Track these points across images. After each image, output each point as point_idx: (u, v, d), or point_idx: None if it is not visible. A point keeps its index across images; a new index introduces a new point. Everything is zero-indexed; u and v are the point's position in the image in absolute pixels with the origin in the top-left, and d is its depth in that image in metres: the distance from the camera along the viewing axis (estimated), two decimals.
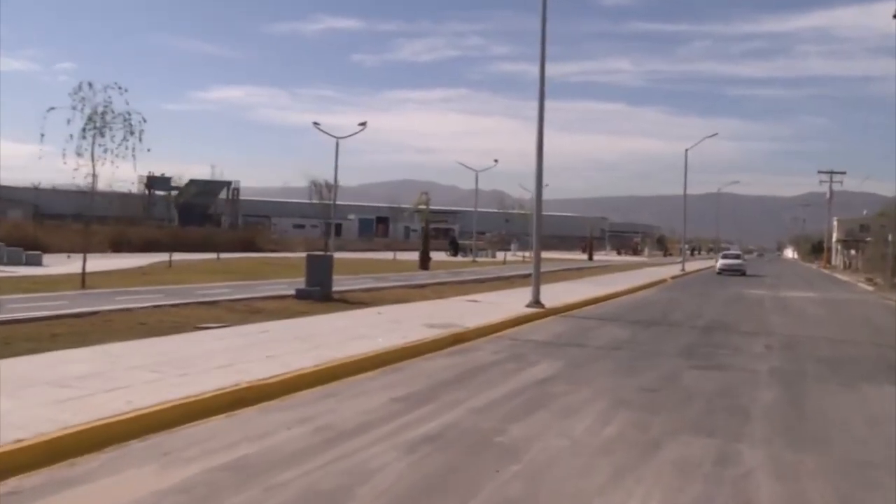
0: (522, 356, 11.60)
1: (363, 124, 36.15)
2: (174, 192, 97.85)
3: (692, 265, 60.40)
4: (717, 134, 48.18)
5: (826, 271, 63.86)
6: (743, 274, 45.52)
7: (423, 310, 16.55)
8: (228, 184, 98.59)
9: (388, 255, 53.82)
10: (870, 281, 41.93)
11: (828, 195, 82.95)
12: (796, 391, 9.62)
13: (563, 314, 18.19)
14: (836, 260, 79.92)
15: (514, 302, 18.90)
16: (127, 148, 16.79)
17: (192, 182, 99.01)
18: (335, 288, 19.75)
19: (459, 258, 52.87)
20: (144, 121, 17.08)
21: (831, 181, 68.16)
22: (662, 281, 35.75)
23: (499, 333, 14.06)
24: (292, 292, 17.59)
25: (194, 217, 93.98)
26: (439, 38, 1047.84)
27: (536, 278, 18.64)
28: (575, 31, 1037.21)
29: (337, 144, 35.78)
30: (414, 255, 46.71)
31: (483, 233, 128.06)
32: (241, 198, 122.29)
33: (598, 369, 10.65)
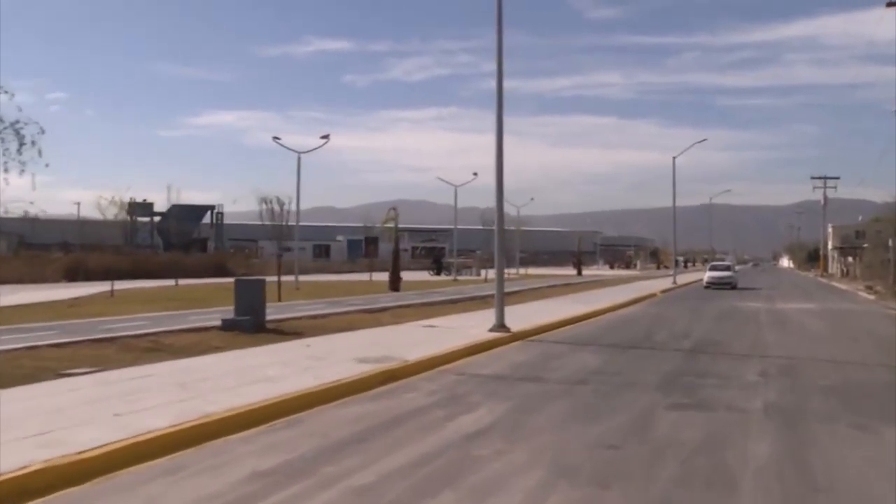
0: (461, 398, 9.43)
1: (325, 137, 34.04)
2: (157, 218, 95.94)
3: (685, 277, 58.29)
4: (706, 140, 46.37)
5: (823, 280, 61.81)
6: (733, 287, 40.86)
7: (365, 339, 14.38)
8: (212, 208, 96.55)
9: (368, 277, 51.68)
10: (870, 289, 39.84)
11: (822, 201, 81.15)
12: (799, 439, 7.45)
13: (530, 339, 16.02)
14: (833, 267, 77.91)
15: (477, 326, 16.74)
16: (21, 162, 14.57)
17: (175, 207, 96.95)
18: (277, 316, 17.59)
19: (443, 277, 50.78)
20: (42, 131, 14.90)
21: (825, 186, 66.37)
22: (651, 295, 33.62)
23: (445, 367, 11.88)
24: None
25: (177, 242, 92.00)
26: (429, 56, 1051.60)
27: (499, 299, 16.47)
28: (564, 45, 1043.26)
29: (299, 160, 33.77)
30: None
31: (474, 250, 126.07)
32: (229, 222, 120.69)
33: (550, 415, 8.47)
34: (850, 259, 66.16)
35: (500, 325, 16.13)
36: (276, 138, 34.50)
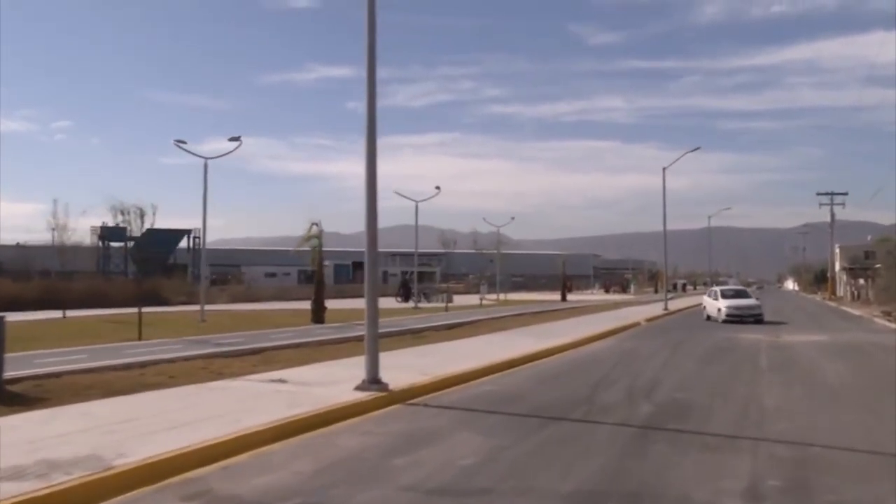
0: None
1: (236, 139, 28.93)
2: (131, 244, 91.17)
3: (680, 303, 52.84)
4: (699, 148, 41.16)
5: (832, 303, 56.17)
6: (760, 321, 29.86)
7: (117, 413, 9.05)
8: (188, 232, 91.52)
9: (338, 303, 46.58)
10: (887, 315, 34.35)
11: (828, 221, 75.78)
12: None
13: (414, 400, 10.75)
14: (842, 290, 72.25)
15: (347, 380, 11.44)
16: None
17: (150, 231, 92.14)
18: (65, 368, 12.35)
19: (411, 304, 45.62)
20: None
21: (832, 203, 61.01)
22: (633, 325, 28.25)
23: (189, 474, 6.62)
24: None
25: (153, 268, 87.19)
26: (431, 82, 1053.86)
27: (372, 343, 11.11)
28: (566, 70, 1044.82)
29: (206, 166, 28.69)
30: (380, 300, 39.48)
31: (466, 275, 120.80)
32: (213, 247, 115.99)
33: None
34: (861, 281, 60.58)
35: (373, 381, 10.85)
36: (179, 142, 29.40)
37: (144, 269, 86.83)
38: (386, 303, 45.88)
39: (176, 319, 27.54)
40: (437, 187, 38.87)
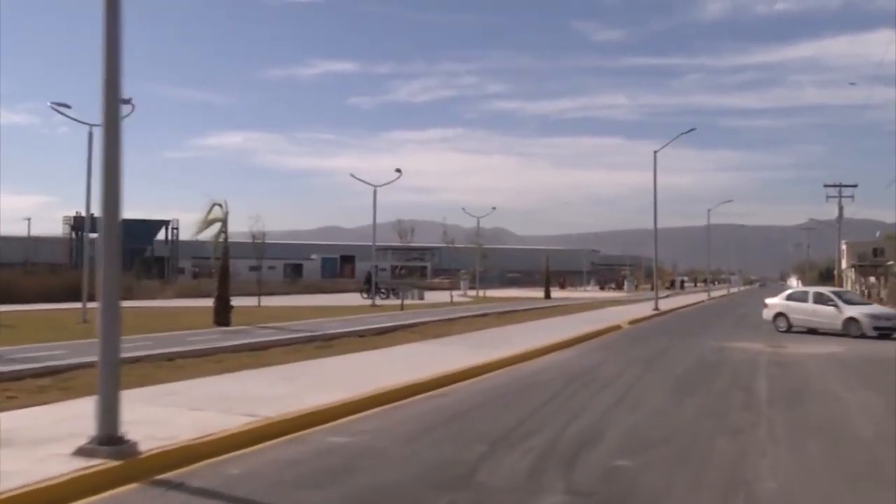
0: None
1: (127, 100, 24.86)
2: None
3: (675, 301, 48.42)
4: (694, 129, 36.73)
5: None
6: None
7: None
8: (166, 223, 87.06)
9: (311, 300, 42.57)
10: None
11: (833, 217, 71.10)
12: None
13: (170, 474, 6.34)
14: (849, 288, 67.55)
15: (78, 434, 7.03)
16: None
17: (124, 222, 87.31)
18: None
19: (378, 300, 41.30)
20: None
21: (840, 196, 56.31)
22: (611, 329, 23.81)
23: None
24: None
25: (128, 261, 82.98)
26: (434, 78, 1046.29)
27: (107, 385, 6.69)
28: (569, 67, 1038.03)
29: (90, 134, 24.13)
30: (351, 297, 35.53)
31: (459, 270, 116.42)
32: (195, 239, 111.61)
33: None
34: (871, 279, 55.89)
35: (107, 441, 6.45)
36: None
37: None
38: (351, 299, 41.60)
39: (59, 318, 23.20)
40: (398, 170, 34.40)
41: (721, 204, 66.00)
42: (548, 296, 49.37)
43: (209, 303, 22.48)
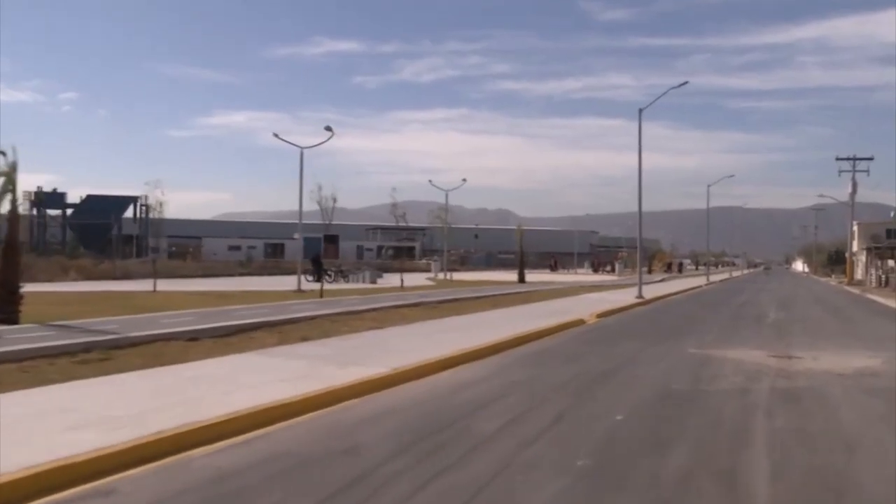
0: None
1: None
2: (70, 211, 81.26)
3: (666, 287, 42.54)
4: (686, 83, 30.76)
5: (853, 290, 45.50)
6: None
7: None
8: (135, 199, 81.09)
9: (239, 283, 37.04)
10: None
11: (836, 201, 64.85)
12: None
13: None
14: (860, 273, 61.40)
15: None
16: None
17: (90, 198, 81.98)
18: None
19: (326, 283, 35.50)
20: None
21: (854, 170, 50.03)
22: (572, 325, 18.00)
23: None
24: None
25: (94, 240, 77.53)
26: (439, 57, 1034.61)
27: None
28: (574, 47, 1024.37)
29: None
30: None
31: (450, 250, 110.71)
32: (169, 217, 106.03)
33: None
34: (891, 263, 49.74)
35: None
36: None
37: (84, 240, 77.26)
38: (289, 282, 35.80)
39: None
40: (328, 127, 28.50)
41: (722, 179, 59.77)
42: (521, 279, 43.42)
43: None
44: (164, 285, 30.45)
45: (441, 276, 48.40)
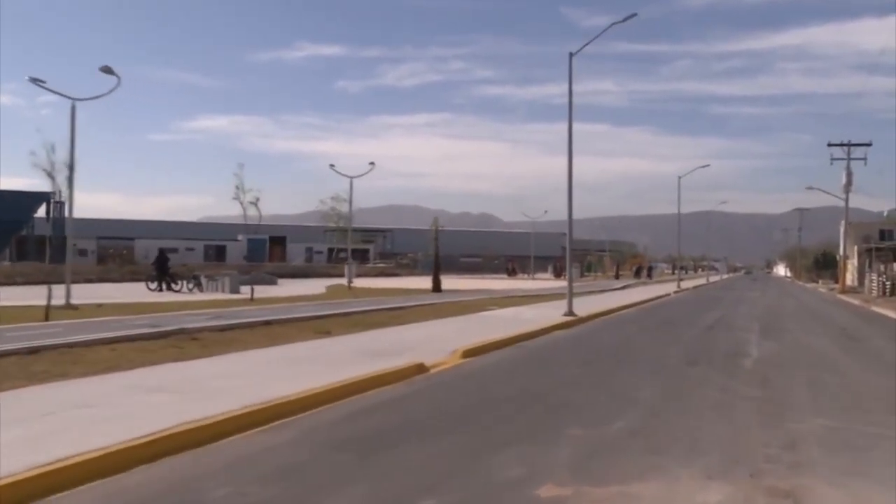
0: None
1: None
2: None
3: (621, 297, 33.69)
4: (636, 14, 21.99)
5: (855, 301, 36.71)
6: None
7: None
8: (48, 196, 71.24)
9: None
10: None
11: (827, 204, 56.49)
12: None
13: None
14: (852, 278, 52.84)
15: None
16: None
17: None
18: None
19: (176, 292, 26.52)
20: None
21: (849, 158, 41.56)
22: (400, 376, 8.99)
23: None
24: None
25: (2, 240, 68.12)
26: (422, 62, 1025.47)
27: None
28: (557, 53, 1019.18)
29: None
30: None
31: (407, 253, 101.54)
32: (99, 217, 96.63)
33: None
34: (894, 266, 41.10)
35: None
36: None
37: None
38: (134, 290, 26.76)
39: None
40: (372, 163, 19.72)
41: (696, 170, 51.03)
42: (436, 288, 34.17)
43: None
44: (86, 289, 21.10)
45: (347, 282, 39.02)
